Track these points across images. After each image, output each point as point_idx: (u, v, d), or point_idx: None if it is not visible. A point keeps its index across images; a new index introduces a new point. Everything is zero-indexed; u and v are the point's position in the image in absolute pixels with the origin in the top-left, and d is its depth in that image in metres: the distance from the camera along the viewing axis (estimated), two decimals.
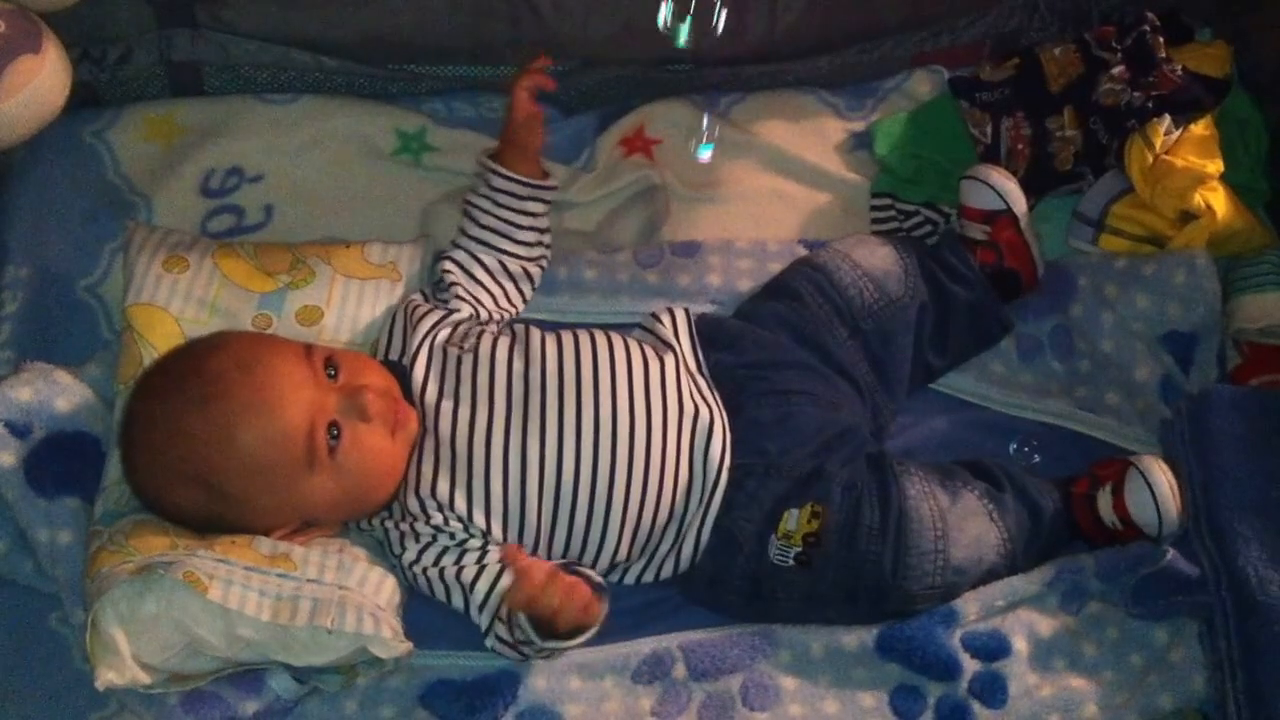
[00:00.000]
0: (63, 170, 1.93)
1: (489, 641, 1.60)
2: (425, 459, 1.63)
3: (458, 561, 1.60)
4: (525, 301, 1.83)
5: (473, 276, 1.79)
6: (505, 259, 1.80)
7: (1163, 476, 1.68)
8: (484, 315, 1.78)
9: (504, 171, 1.79)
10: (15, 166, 1.93)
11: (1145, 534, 1.70)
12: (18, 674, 1.63)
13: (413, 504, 1.62)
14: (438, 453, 1.62)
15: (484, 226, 1.80)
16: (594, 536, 1.63)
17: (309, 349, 1.62)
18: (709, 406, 1.67)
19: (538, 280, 1.84)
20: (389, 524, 1.64)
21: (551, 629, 1.50)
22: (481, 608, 1.59)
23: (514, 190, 1.79)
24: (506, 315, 1.80)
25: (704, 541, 1.65)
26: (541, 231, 1.82)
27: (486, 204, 1.80)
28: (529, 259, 1.81)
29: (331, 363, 1.60)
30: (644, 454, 1.62)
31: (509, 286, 1.81)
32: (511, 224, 1.79)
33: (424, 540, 1.61)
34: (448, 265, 1.79)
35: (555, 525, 1.62)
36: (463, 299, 1.77)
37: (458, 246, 1.81)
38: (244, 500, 1.57)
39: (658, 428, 1.63)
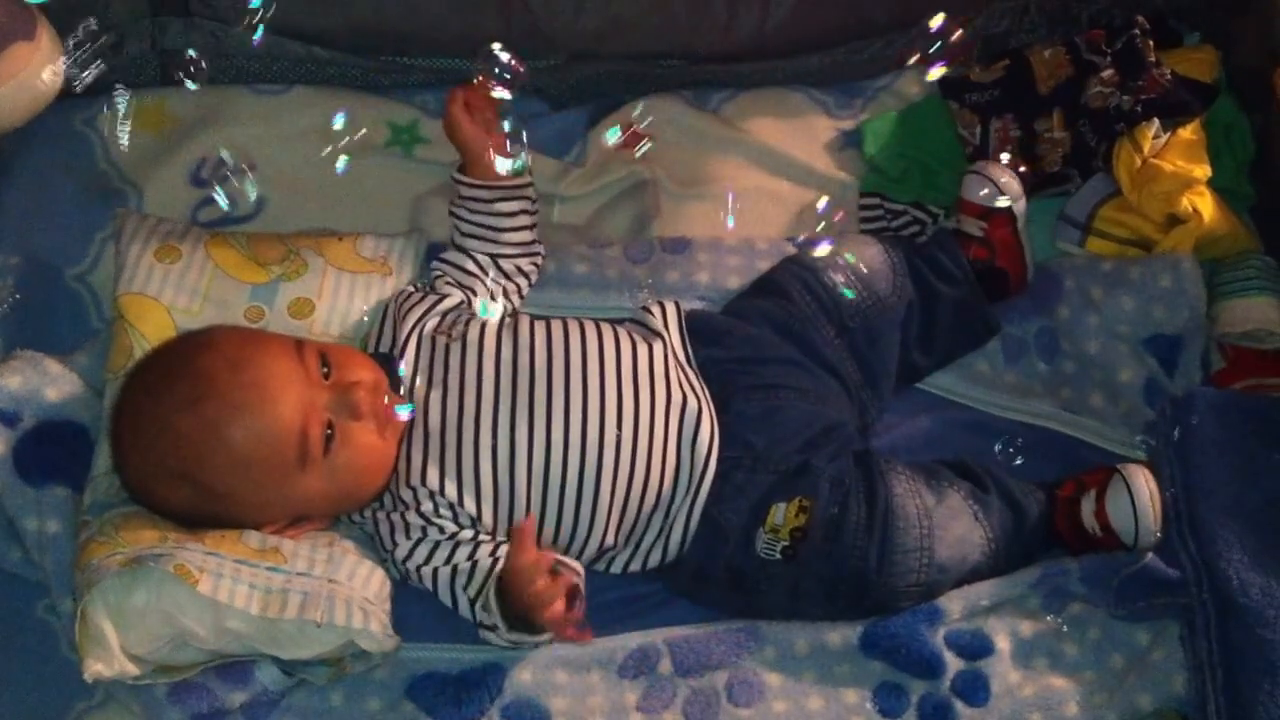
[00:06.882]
0: (53, 158, 1.93)
1: (482, 633, 1.61)
2: (414, 448, 1.63)
3: (449, 560, 1.60)
4: (521, 297, 1.83)
5: (466, 271, 1.79)
6: (497, 258, 1.80)
7: (1145, 486, 1.69)
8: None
9: (465, 180, 1.79)
10: (6, 153, 1.92)
11: (1122, 542, 1.70)
12: (4, 662, 1.63)
13: (405, 494, 1.62)
14: (426, 442, 1.63)
15: (465, 234, 1.80)
16: (582, 520, 1.64)
17: (300, 345, 1.61)
18: (697, 396, 1.67)
19: (534, 278, 1.84)
20: (380, 515, 1.64)
21: (522, 618, 1.50)
22: (471, 601, 1.59)
23: (479, 195, 1.78)
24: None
25: (691, 531, 1.66)
26: (526, 229, 1.81)
27: (463, 211, 1.80)
28: (519, 256, 1.81)
29: (325, 359, 1.60)
30: (631, 438, 1.62)
31: (503, 283, 1.81)
32: (490, 227, 1.79)
33: (415, 535, 1.62)
34: (438, 268, 1.80)
35: (544, 509, 1.63)
36: (454, 286, 1.78)
37: (452, 247, 1.82)
38: (234, 498, 1.57)
39: (645, 412, 1.64)
